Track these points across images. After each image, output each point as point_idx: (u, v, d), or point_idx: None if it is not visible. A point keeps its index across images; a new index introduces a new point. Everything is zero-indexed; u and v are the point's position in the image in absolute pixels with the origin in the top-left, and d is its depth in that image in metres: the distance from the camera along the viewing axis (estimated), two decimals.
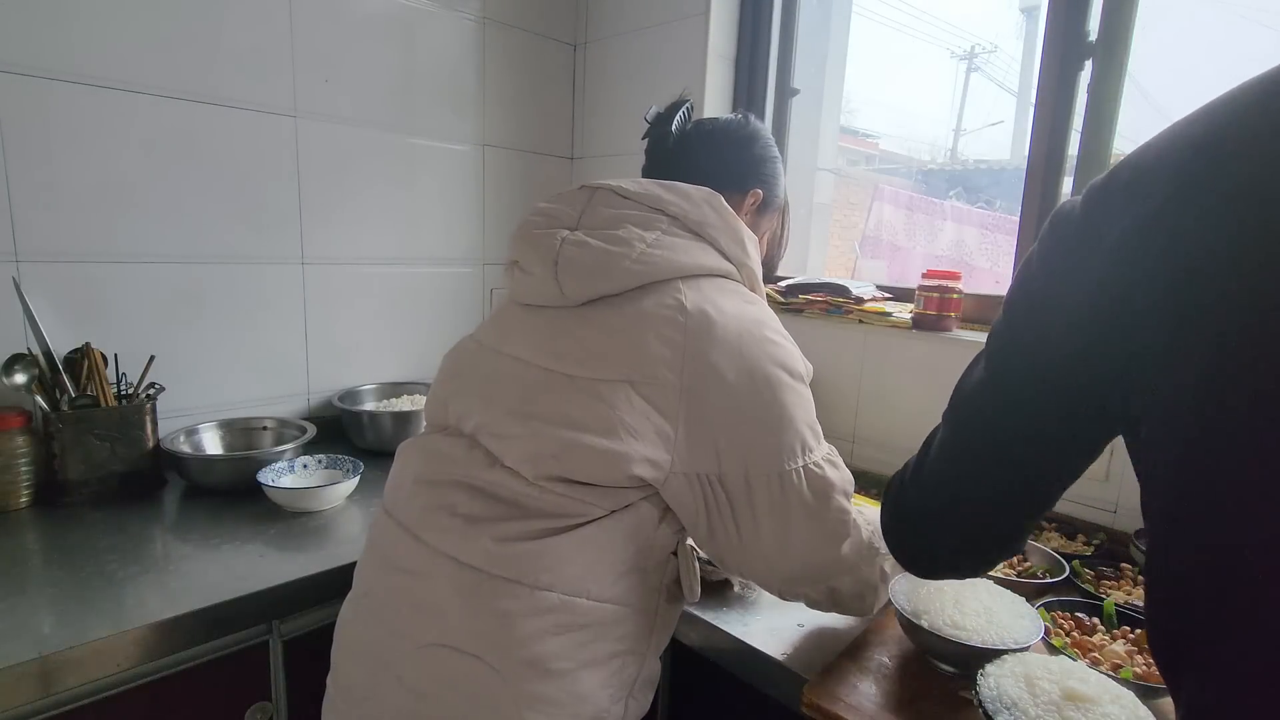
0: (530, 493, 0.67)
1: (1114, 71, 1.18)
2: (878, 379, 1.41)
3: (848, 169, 5.91)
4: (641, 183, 0.78)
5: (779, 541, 0.69)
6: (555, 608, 0.65)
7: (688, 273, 0.71)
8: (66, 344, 1.18)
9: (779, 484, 0.68)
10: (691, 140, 0.87)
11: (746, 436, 0.67)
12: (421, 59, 1.58)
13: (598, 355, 0.68)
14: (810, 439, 0.70)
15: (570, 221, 0.76)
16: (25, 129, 1.12)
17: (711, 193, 0.77)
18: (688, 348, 0.67)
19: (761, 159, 0.88)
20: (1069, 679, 0.64)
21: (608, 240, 0.72)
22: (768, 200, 0.89)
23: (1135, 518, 1.10)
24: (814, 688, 0.74)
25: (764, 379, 0.68)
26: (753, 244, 0.78)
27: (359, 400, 1.56)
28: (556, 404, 0.68)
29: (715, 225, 0.75)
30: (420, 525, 0.71)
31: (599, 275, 0.71)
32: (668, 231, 0.73)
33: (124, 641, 0.80)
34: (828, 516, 0.70)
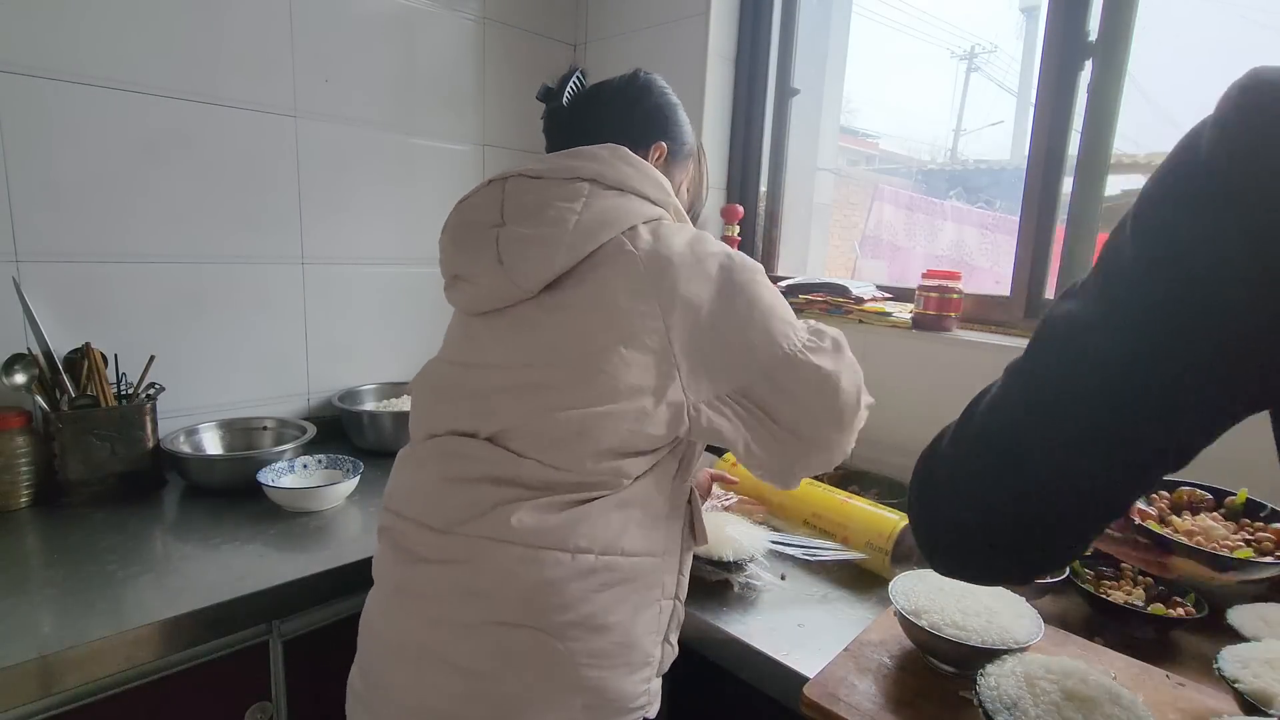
0: (564, 476, 0.70)
1: (1114, 71, 1.18)
2: (878, 379, 1.40)
3: (848, 169, 5.91)
4: (547, 159, 0.79)
5: (824, 410, 0.72)
6: (596, 568, 0.69)
7: (626, 225, 0.73)
8: (66, 344, 1.18)
9: (790, 365, 0.71)
10: (582, 107, 0.86)
11: (744, 342, 0.70)
12: (421, 59, 1.58)
13: (578, 334, 0.70)
14: (795, 325, 0.74)
15: (494, 219, 0.76)
16: (25, 129, 1.12)
17: (615, 146, 0.78)
18: (654, 290, 0.69)
19: (658, 110, 0.87)
20: (1069, 679, 0.64)
21: (540, 223, 0.72)
22: (674, 150, 0.87)
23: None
24: (814, 688, 0.74)
25: (731, 285, 0.71)
26: (666, 185, 0.80)
27: (359, 400, 1.56)
28: (563, 394, 0.69)
29: (633, 175, 0.76)
30: (452, 522, 0.71)
31: (546, 258, 0.71)
32: (592, 195, 0.74)
33: (124, 641, 0.80)
34: (841, 361, 0.74)
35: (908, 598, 0.80)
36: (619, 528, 0.71)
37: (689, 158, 0.91)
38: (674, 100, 0.89)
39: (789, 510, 1.13)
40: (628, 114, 0.85)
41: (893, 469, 1.38)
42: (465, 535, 0.70)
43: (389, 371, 1.65)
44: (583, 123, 0.85)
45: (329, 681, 0.96)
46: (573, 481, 0.70)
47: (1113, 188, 1.27)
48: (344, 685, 0.81)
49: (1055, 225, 1.28)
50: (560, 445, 0.69)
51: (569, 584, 0.68)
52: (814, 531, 1.09)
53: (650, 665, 0.75)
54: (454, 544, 0.71)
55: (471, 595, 0.69)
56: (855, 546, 1.01)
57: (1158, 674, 0.78)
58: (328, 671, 0.96)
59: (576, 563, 0.68)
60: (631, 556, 0.71)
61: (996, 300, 1.36)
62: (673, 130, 0.87)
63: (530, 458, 0.70)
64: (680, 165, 0.90)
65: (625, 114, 0.85)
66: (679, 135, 0.88)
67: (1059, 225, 1.28)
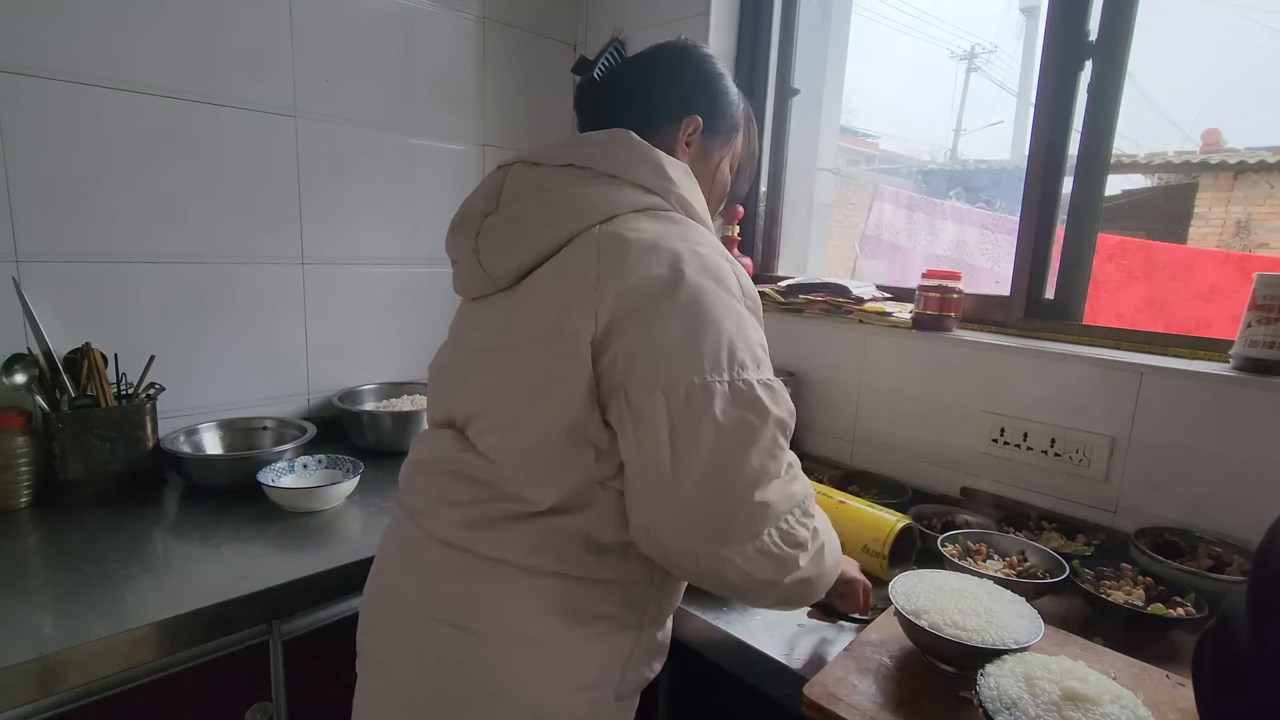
0: (504, 474, 0.69)
1: (1114, 71, 1.18)
2: (878, 379, 1.41)
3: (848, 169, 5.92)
4: (550, 145, 0.75)
5: (708, 462, 0.61)
6: (538, 585, 0.67)
7: (607, 214, 0.68)
8: (66, 344, 1.18)
9: (700, 395, 0.61)
10: (613, 81, 0.81)
11: (665, 344, 0.62)
12: (421, 59, 1.58)
13: (534, 315, 0.68)
14: (741, 353, 0.63)
15: (489, 206, 0.75)
16: (25, 129, 1.12)
17: (617, 132, 0.73)
18: (602, 267, 0.64)
19: (693, 81, 0.81)
20: (1069, 679, 0.64)
21: (520, 213, 0.71)
22: (713, 125, 0.82)
23: (1135, 518, 1.10)
24: (814, 688, 0.74)
25: (686, 289, 0.63)
26: (679, 170, 0.74)
27: (359, 400, 1.56)
28: (509, 380, 0.69)
29: (627, 161, 0.71)
30: (417, 510, 0.74)
31: (514, 247, 0.70)
32: (580, 182, 0.70)
33: (124, 641, 0.80)
34: (752, 444, 0.62)
35: (908, 598, 0.80)
36: (564, 550, 0.67)
37: (732, 132, 0.85)
38: (714, 70, 0.82)
39: None
40: (658, 87, 0.80)
41: (892, 469, 1.38)
42: (425, 531, 0.72)
43: (389, 371, 1.65)
44: (612, 98, 0.80)
45: (329, 681, 0.97)
46: (510, 488, 0.68)
47: (1113, 188, 1.27)
48: (344, 685, 0.81)
49: (1055, 225, 1.28)
50: (498, 435, 0.69)
51: (509, 595, 0.67)
52: None
53: (600, 689, 0.71)
54: (418, 537, 0.73)
55: (429, 590, 0.70)
56: (851, 550, 1.01)
57: (1158, 674, 0.78)
58: (328, 671, 0.97)
59: (518, 577, 0.67)
60: (580, 579, 0.68)
61: (996, 300, 1.36)
62: (710, 103, 0.81)
63: (478, 450, 0.71)
64: (719, 140, 0.83)
65: (655, 87, 0.80)
66: (718, 108, 0.82)
67: (1059, 225, 1.28)
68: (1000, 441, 1.24)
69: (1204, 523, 1.04)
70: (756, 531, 0.63)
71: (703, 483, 0.61)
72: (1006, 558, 1.01)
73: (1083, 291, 1.27)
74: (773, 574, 0.65)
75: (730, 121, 0.84)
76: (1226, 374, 1.02)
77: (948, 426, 1.31)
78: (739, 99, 0.85)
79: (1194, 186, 5.11)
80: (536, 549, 0.67)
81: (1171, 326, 1.76)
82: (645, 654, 0.75)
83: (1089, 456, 1.14)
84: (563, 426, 0.65)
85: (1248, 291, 1.03)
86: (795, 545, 0.65)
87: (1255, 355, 1.01)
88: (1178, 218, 5.08)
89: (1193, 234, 5.04)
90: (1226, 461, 1.02)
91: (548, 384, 0.66)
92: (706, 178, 0.83)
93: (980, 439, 1.26)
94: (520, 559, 0.67)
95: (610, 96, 0.80)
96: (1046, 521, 1.15)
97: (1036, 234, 1.28)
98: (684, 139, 0.80)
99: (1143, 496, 1.10)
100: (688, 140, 0.80)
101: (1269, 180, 4.91)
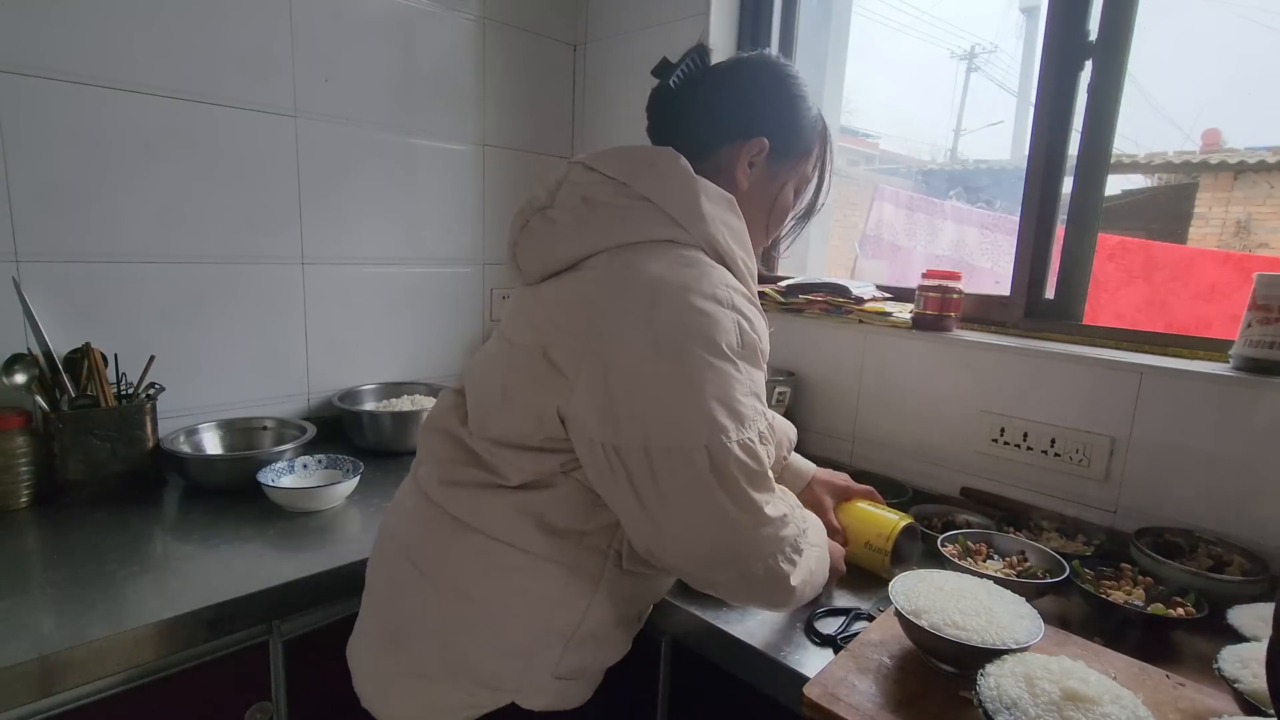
0: (481, 447, 0.75)
1: (1114, 71, 1.18)
2: (878, 379, 1.41)
3: (848, 169, 5.92)
4: (611, 152, 0.76)
5: (685, 521, 0.65)
6: (483, 548, 0.72)
7: (623, 240, 0.69)
8: (66, 344, 1.18)
9: (681, 460, 0.63)
10: (689, 90, 0.80)
11: (646, 407, 0.64)
12: (421, 59, 1.58)
13: (530, 325, 0.73)
14: (723, 417, 0.64)
15: (546, 201, 0.77)
16: (25, 129, 1.12)
17: (665, 152, 0.73)
18: (597, 312, 0.67)
19: (766, 101, 0.79)
20: (1069, 679, 0.64)
21: (557, 216, 0.74)
22: (782, 147, 0.80)
23: (1135, 518, 1.10)
24: (814, 687, 0.74)
25: (672, 350, 0.64)
26: (719, 204, 0.73)
27: (359, 400, 1.56)
28: (496, 371, 0.75)
29: (664, 188, 0.71)
30: (419, 460, 0.83)
31: (541, 252, 0.73)
32: (611, 201, 0.71)
33: (124, 641, 0.80)
34: (731, 502, 0.65)
35: (908, 598, 0.80)
36: (512, 522, 0.71)
37: (803, 156, 0.83)
38: (793, 91, 0.81)
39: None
40: (730, 103, 0.79)
41: (892, 469, 1.38)
42: (416, 480, 0.81)
43: (389, 371, 1.65)
44: (683, 107, 0.80)
45: (329, 681, 0.97)
46: (483, 457, 0.74)
47: (1113, 188, 1.27)
48: (344, 685, 0.82)
49: (1055, 225, 1.28)
50: (475, 419, 0.76)
51: (458, 552, 0.73)
52: None
53: (531, 657, 0.72)
54: (411, 485, 0.82)
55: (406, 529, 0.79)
56: (854, 547, 1.01)
57: (1158, 674, 0.78)
58: (328, 671, 0.96)
59: (468, 537, 0.72)
60: (523, 552, 0.71)
61: (997, 300, 1.36)
62: (781, 125, 0.80)
63: (465, 421, 0.78)
64: (788, 164, 0.82)
65: (727, 102, 0.79)
66: (790, 130, 0.80)
67: (1059, 225, 1.28)
68: (1000, 441, 1.24)
69: (1204, 523, 1.04)
70: (743, 566, 0.69)
71: (684, 534, 0.67)
72: (1006, 558, 1.01)
73: (1083, 291, 1.27)
74: (761, 600, 0.75)
75: (801, 145, 0.82)
76: (1226, 374, 1.02)
77: (948, 426, 1.31)
78: (816, 122, 0.83)
79: (1194, 186, 5.11)
80: (495, 518, 0.72)
81: (1172, 326, 1.76)
82: (591, 642, 0.76)
83: (1089, 456, 1.14)
84: (528, 431, 0.71)
85: (1248, 291, 1.03)
86: (779, 579, 0.71)
87: (1255, 355, 1.01)
88: (1178, 218, 5.09)
89: (1193, 234, 5.04)
90: (1226, 461, 1.02)
91: (521, 395, 0.71)
92: (766, 202, 0.83)
93: (980, 439, 1.26)
94: (478, 524, 0.72)
95: (682, 105, 0.80)
96: (1046, 521, 1.15)
97: (1036, 234, 1.28)
98: (747, 160, 0.79)
99: (1143, 496, 1.10)
100: (751, 161, 0.79)
101: (1269, 180, 4.91)
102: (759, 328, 0.71)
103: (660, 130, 0.81)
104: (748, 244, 0.77)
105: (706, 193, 0.72)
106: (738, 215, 0.75)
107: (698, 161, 0.76)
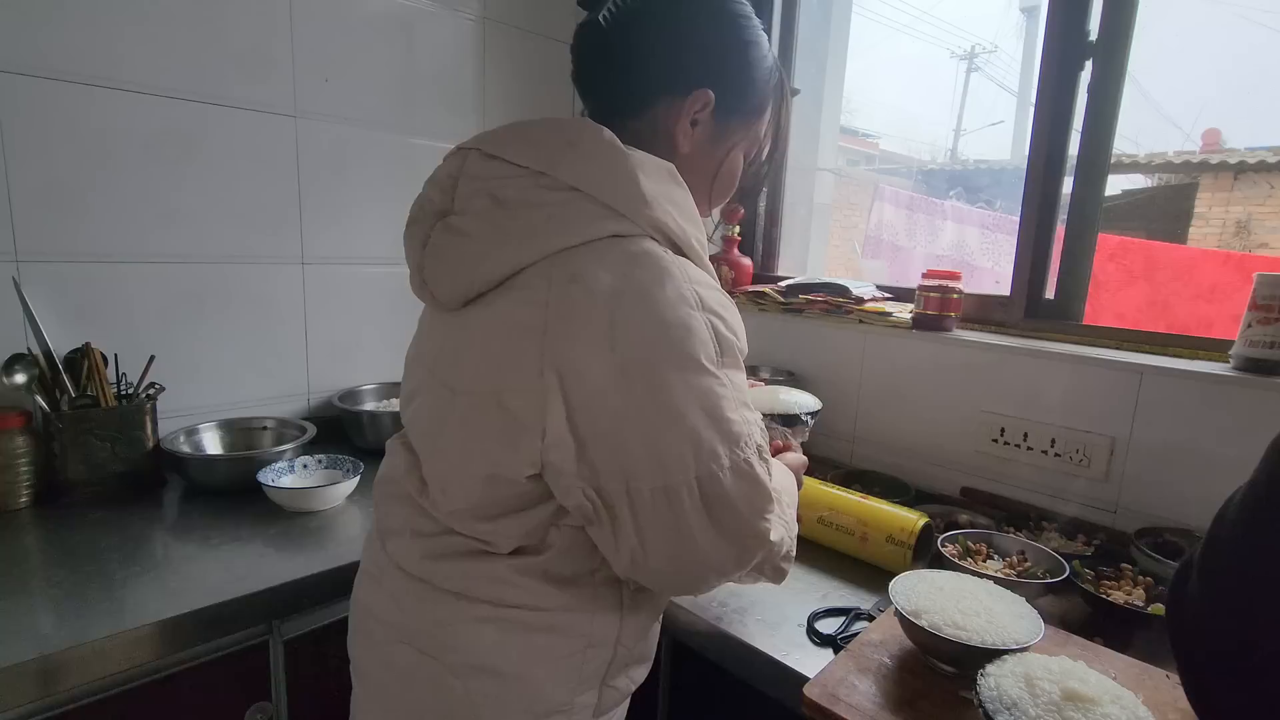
0: (455, 516, 0.65)
1: (1114, 71, 1.18)
2: (878, 379, 1.41)
3: (848, 169, 5.92)
4: (515, 129, 0.62)
5: (670, 558, 0.58)
6: (491, 616, 0.63)
7: (559, 245, 0.56)
8: (66, 344, 1.18)
9: (664, 499, 0.56)
10: (621, 29, 0.65)
11: (624, 445, 0.55)
12: (421, 59, 1.58)
13: (470, 365, 0.61)
14: (714, 442, 0.56)
15: (442, 204, 0.63)
16: (25, 129, 1.12)
17: (574, 128, 0.60)
18: (546, 342, 0.55)
19: (712, 47, 0.66)
20: (1069, 679, 0.64)
21: (466, 226, 0.60)
22: (730, 103, 0.67)
23: (1135, 518, 1.10)
24: (814, 687, 0.74)
25: (643, 375, 0.54)
26: (659, 179, 0.60)
27: (359, 400, 1.56)
28: (446, 430, 0.63)
29: (593, 172, 0.58)
30: (385, 532, 0.72)
31: (456, 274, 0.60)
32: (530, 198, 0.58)
33: (124, 641, 0.80)
34: (729, 535, 0.58)
35: (908, 598, 0.80)
36: (519, 584, 0.63)
37: (754, 114, 0.70)
38: (745, 35, 0.67)
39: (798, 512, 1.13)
40: (670, 46, 0.64)
41: (893, 469, 1.38)
42: (387, 553, 0.70)
43: (389, 371, 1.65)
44: (612, 50, 0.66)
45: (329, 681, 0.97)
46: (467, 533, 0.64)
47: (1113, 188, 1.28)
48: (344, 685, 0.81)
49: (1055, 225, 1.28)
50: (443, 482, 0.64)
51: (466, 627, 0.63)
52: (829, 529, 1.08)
53: (571, 712, 0.66)
54: (381, 557, 0.71)
55: (393, 611, 0.68)
56: (875, 540, 1.02)
57: (1158, 674, 0.78)
58: (328, 671, 0.97)
59: (475, 609, 0.63)
60: (539, 611, 0.63)
61: (997, 300, 1.36)
62: (731, 76, 0.66)
63: (429, 487, 0.66)
64: (736, 122, 0.69)
65: (666, 46, 0.65)
66: (741, 83, 0.67)
67: (1059, 225, 1.28)
68: (1000, 441, 1.24)
69: (1204, 523, 1.03)
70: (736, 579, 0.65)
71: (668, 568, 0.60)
72: (1006, 558, 1.01)
73: (1083, 291, 1.27)
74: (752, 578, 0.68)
75: (754, 101, 0.69)
76: (1227, 374, 1.02)
77: (948, 426, 1.31)
78: (771, 73, 0.70)
79: (1194, 186, 5.12)
80: (496, 585, 0.63)
81: (1173, 327, 1.76)
82: (624, 668, 0.71)
83: (1089, 456, 1.14)
84: (501, 495, 0.61)
85: (1249, 292, 1.03)
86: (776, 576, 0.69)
87: (1255, 355, 1.01)
88: (1178, 218, 5.09)
89: (1193, 234, 5.04)
90: (1226, 461, 1.02)
91: (484, 457, 0.60)
92: (710, 167, 0.70)
93: (980, 439, 1.26)
94: (481, 593, 0.63)
95: (613, 48, 0.66)
96: (1046, 521, 1.15)
97: (1037, 234, 1.28)
98: (689, 117, 0.66)
99: (1143, 496, 1.10)
100: (694, 119, 0.66)
101: (1269, 180, 4.91)
102: (733, 321, 0.60)
103: (588, 78, 0.69)
104: (697, 218, 0.64)
105: (644, 169, 0.59)
106: (681, 185, 0.63)
107: (631, 119, 0.66)
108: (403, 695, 0.68)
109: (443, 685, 0.64)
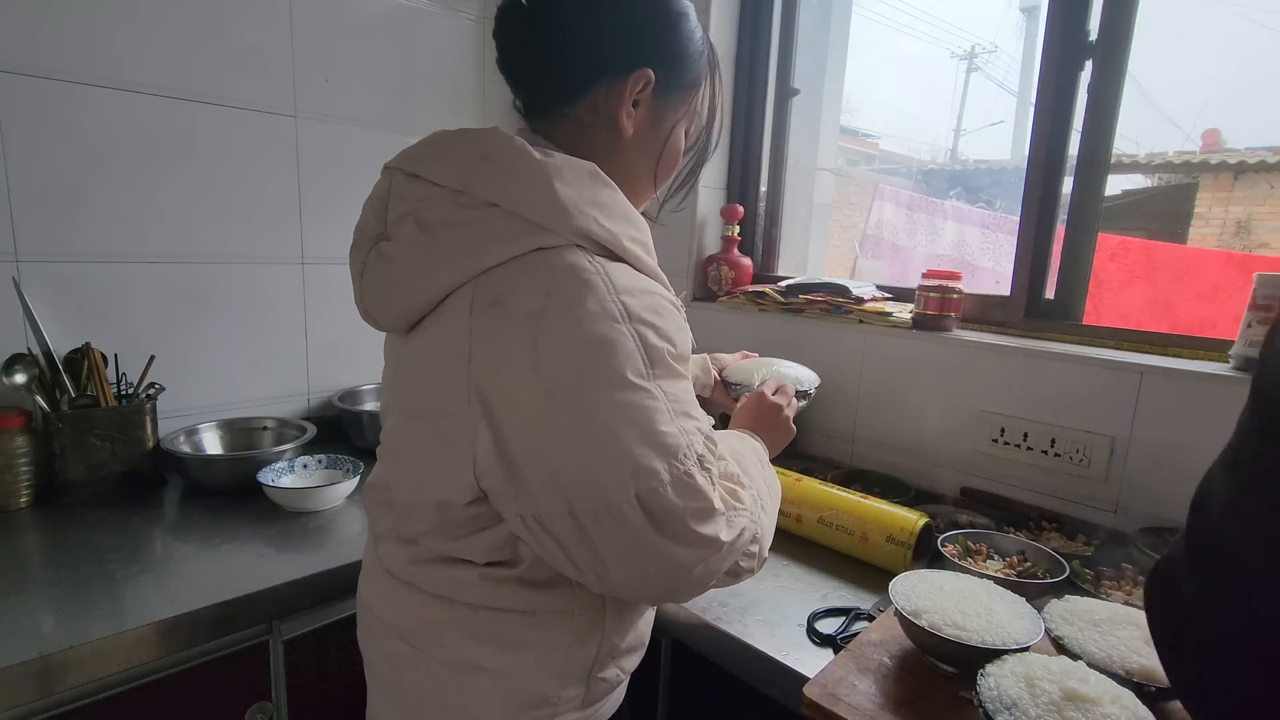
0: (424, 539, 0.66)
1: (1114, 71, 1.18)
2: (878, 379, 1.41)
3: (848, 169, 5.92)
4: (433, 143, 0.62)
5: (629, 572, 0.57)
6: (475, 617, 0.64)
7: (483, 266, 0.55)
8: (66, 344, 1.18)
9: (610, 517, 0.54)
10: (547, 10, 0.62)
11: (558, 469, 0.54)
12: (421, 59, 1.58)
13: (416, 390, 0.62)
14: (650, 459, 0.54)
15: (378, 229, 0.63)
16: (25, 129, 1.12)
17: (487, 139, 0.59)
18: (473, 372, 0.55)
19: (651, 24, 0.64)
20: (1069, 679, 0.64)
21: (396, 254, 0.60)
22: (670, 79, 0.65)
23: (1135, 518, 1.10)
24: (814, 687, 0.74)
25: (569, 396, 0.53)
26: (581, 184, 0.58)
27: (359, 400, 1.56)
28: (405, 454, 0.65)
29: (507, 187, 0.56)
30: (377, 536, 0.73)
31: (391, 302, 0.60)
32: (450, 219, 0.57)
33: (124, 641, 0.80)
34: (681, 543, 0.56)
35: (908, 598, 0.80)
36: (497, 589, 0.63)
37: (691, 88, 0.68)
38: (675, 8, 0.65)
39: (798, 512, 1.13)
40: (602, 27, 0.62)
41: (893, 469, 1.38)
42: (377, 554, 0.72)
43: None
44: (539, 34, 0.63)
45: (329, 681, 0.97)
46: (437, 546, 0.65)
47: (1113, 188, 1.27)
48: (344, 685, 0.82)
49: (1055, 225, 1.28)
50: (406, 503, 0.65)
51: (450, 627, 0.65)
52: (829, 530, 1.08)
53: (557, 705, 0.67)
54: (372, 557, 0.73)
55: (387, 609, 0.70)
56: (875, 539, 1.02)
57: None
58: (328, 671, 0.97)
59: (457, 610, 0.64)
60: (520, 613, 0.64)
61: (997, 300, 1.36)
62: (668, 51, 0.64)
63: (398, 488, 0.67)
64: (676, 100, 0.67)
65: (598, 26, 0.62)
66: (678, 58, 0.65)
67: (1059, 225, 1.28)
68: (1000, 441, 1.24)
69: None
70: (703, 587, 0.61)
71: (629, 582, 0.58)
72: (1006, 558, 1.01)
73: (1083, 291, 1.27)
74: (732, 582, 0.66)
75: (690, 75, 0.67)
76: (1227, 374, 1.02)
77: (948, 426, 1.31)
78: (703, 44, 0.68)
79: (1194, 186, 5.11)
80: (477, 590, 0.64)
81: (1175, 327, 1.76)
82: (611, 660, 0.71)
83: (1089, 456, 1.14)
84: (462, 521, 0.62)
85: (1250, 292, 1.03)
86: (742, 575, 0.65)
87: (1255, 355, 1.00)
88: (1178, 218, 5.09)
89: (1193, 234, 5.04)
90: None
91: (437, 482, 0.60)
92: (654, 147, 0.69)
93: (980, 439, 1.26)
94: (461, 596, 0.64)
95: (541, 31, 0.63)
96: (1046, 521, 1.15)
97: (1037, 234, 1.28)
98: (631, 99, 0.64)
99: (1143, 496, 1.10)
100: (636, 100, 0.64)
101: (1269, 180, 4.91)
102: (666, 327, 0.57)
103: (518, 66, 0.66)
104: (630, 213, 0.62)
105: (560, 176, 0.56)
106: (607, 184, 0.60)
107: (569, 107, 0.64)
108: (402, 686, 0.70)
109: (435, 676, 0.67)
